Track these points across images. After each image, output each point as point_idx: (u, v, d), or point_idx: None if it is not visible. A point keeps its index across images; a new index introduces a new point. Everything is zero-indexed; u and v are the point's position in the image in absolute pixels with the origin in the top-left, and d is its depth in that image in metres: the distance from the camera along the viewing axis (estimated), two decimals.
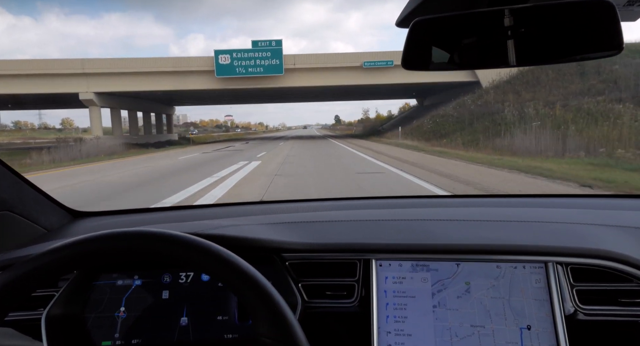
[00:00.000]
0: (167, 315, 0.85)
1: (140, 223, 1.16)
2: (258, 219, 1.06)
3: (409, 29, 0.65)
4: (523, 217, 0.99)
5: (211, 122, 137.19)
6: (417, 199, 1.41)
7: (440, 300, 0.79)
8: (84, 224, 1.18)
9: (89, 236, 0.62)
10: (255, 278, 0.60)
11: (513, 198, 1.35)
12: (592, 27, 0.61)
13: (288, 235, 0.92)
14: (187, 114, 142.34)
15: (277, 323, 0.57)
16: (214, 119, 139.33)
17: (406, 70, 0.71)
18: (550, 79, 18.82)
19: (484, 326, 0.77)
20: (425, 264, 0.82)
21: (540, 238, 0.86)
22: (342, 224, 1.00)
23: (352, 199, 1.34)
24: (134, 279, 0.88)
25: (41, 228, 1.08)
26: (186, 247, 0.61)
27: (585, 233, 0.88)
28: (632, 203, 1.19)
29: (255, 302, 0.58)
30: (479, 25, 0.65)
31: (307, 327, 0.60)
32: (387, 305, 0.81)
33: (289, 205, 1.30)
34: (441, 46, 0.69)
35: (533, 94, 17.93)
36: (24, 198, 1.05)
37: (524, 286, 0.79)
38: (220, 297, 0.86)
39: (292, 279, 0.86)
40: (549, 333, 0.75)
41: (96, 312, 0.84)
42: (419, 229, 0.94)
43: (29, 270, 0.59)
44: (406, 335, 0.78)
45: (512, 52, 0.64)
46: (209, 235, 0.83)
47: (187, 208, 1.41)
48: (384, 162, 10.53)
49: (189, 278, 0.88)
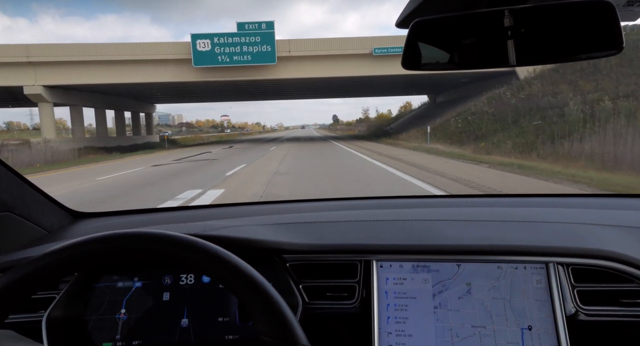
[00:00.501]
0: (167, 317, 0.85)
1: (141, 223, 1.16)
2: (258, 219, 1.06)
3: (408, 29, 0.66)
4: (524, 217, 0.99)
5: (207, 123, 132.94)
6: (417, 199, 1.43)
7: (441, 301, 0.80)
8: (85, 225, 1.18)
9: (89, 237, 0.62)
10: (254, 277, 0.60)
11: (513, 197, 1.34)
12: (592, 27, 0.61)
13: (288, 236, 0.92)
14: (182, 114, 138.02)
15: (276, 321, 0.57)
16: (211, 119, 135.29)
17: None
18: (612, 66, 15.11)
19: (485, 326, 0.77)
20: (426, 265, 0.82)
21: (541, 238, 0.86)
22: (342, 224, 1.00)
23: (353, 200, 1.34)
24: (134, 281, 0.88)
25: (42, 229, 1.08)
26: (186, 248, 0.62)
27: (587, 233, 0.88)
28: (633, 203, 1.18)
29: (254, 301, 0.59)
30: (479, 26, 0.65)
31: (308, 328, 0.60)
32: (387, 306, 0.81)
33: (290, 205, 1.30)
34: (441, 47, 0.70)
35: (595, 84, 14.52)
36: (25, 199, 1.04)
37: (525, 287, 0.79)
38: (221, 298, 0.86)
39: (292, 280, 0.86)
40: (550, 334, 0.75)
41: (97, 314, 0.85)
42: (419, 230, 0.94)
43: (29, 272, 0.59)
44: (407, 335, 0.78)
45: (512, 52, 0.64)
46: (209, 236, 0.83)
47: (188, 208, 1.39)
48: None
49: (190, 280, 0.88)
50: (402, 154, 13.27)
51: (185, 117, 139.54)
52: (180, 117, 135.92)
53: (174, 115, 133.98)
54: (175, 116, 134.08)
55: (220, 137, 47.48)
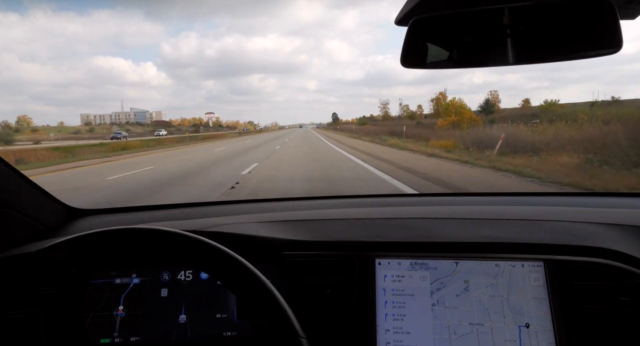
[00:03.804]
0: (165, 313, 0.85)
1: (140, 220, 1.16)
2: (257, 217, 1.06)
3: (407, 27, 0.65)
4: (522, 215, 0.99)
5: (194, 121, 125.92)
6: (415, 197, 1.50)
7: (439, 298, 0.80)
8: (83, 222, 1.18)
9: (86, 234, 0.62)
10: (252, 273, 0.60)
11: (512, 196, 1.34)
12: (591, 25, 0.61)
13: (287, 233, 0.92)
14: (161, 112, 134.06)
15: (274, 316, 0.57)
16: (197, 117, 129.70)
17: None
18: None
19: (482, 324, 0.77)
20: (424, 262, 0.82)
21: (539, 236, 0.86)
22: (341, 222, 1.00)
23: (351, 197, 1.34)
24: (132, 277, 0.88)
25: (41, 225, 1.08)
26: (184, 244, 0.61)
27: (584, 231, 0.89)
28: (630, 201, 1.18)
29: (251, 297, 0.59)
30: (478, 24, 0.65)
31: (306, 325, 0.60)
32: (386, 303, 0.81)
33: (288, 203, 1.30)
34: (440, 44, 0.69)
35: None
36: (24, 196, 1.04)
37: (522, 285, 0.79)
38: (219, 295, 0.86)
39: (291, 277, 0.86)
40: (547, 331, 0.75)
41: (95, 310, 0.85)
42: (417, 227, 0.94)
43: (27, 268, 0.59)
44: (405, 332, 0.78)
45: (511, 50, 0.63)
46: (207, 233, 0.84)
47: (186, 205, 1.38)
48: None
49: (188, 276, 0.88)
50: None
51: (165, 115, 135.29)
52: (159, 114, 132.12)
53: (152, 112, 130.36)
54: (154, 113, 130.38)
55: (177, 140, 32.81)
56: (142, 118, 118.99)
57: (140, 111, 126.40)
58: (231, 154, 15.83)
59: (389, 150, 15.20)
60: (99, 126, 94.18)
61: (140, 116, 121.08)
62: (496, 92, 64.58)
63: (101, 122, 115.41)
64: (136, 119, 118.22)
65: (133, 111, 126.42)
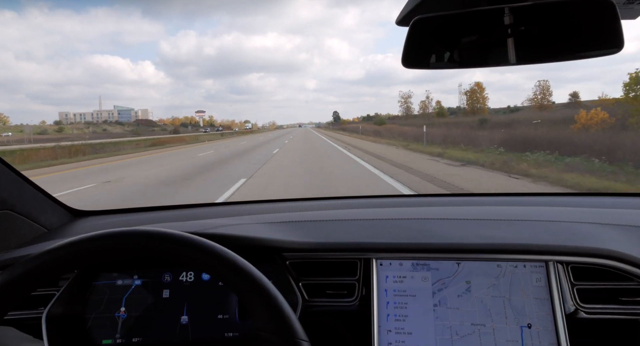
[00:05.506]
0: (167, 314, 0.85)
1: (141, 222, 1.15)
2: (258, 218, 1.06)
3: (409, 27, 0.65)
4: (523, 216, 0.99)
5: (185, 120, 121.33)
6: (417, 198, 1.48)
7: (441, 299, 0.79)
8: (84, 223, 1.17)
9: (88, 235, 0.62)
10: (253, 274, 0.60)
11: (513, 196, 1.33)
12: (592, 25, 0.61)
13: (288, 234, 0.92)
14: (147, 110, 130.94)
15: (275, 317, 0.57)
16: (189, 116, 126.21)
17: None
18: None
19: (484, 324, 0.77)
20: (425, 263, 0.82)
21: (541, 236, 0.86)
22: (342, 223, 1.00)
23: (353, 198, 1.33)
24: (133, 278, 0.88)
25: (41, 227, 1.08)
26: (185, 246, 0.61)
27: (586, 231, 0.88)
28: (632, 202, 1.18)
29: (253, 298, 0.58)
30: (479, 24, 0.65)
31: (308, 326, 0.60)
32: (387, 303, 0.81)
33: (289, 204, 1.30)
34: (441, 45, 0.69)
35: None
36: (25, 197, 1.04)
37: (524, 285, 0.79)
38: (220, 296, 0.86)
39: (292, 278, 0.86)
40: (549, 332, 0.75)
41: (97, 312, 0.84)
42: (419, 228, 0.94)
43: (28, 269, 0.59)
44: (407, 333, 0.78)
45: (512, 50, 0.63)
46: (208, 234, 0.83)
47: (188, 206, 1.38)
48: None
49: (189, 277, 0.88)
50: None
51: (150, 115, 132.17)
52: (145, 112, 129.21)
53: (137, 110, 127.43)
54: (140, 112, 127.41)
55: (127, 144, 24.34)
56: (127, 117, 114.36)
57: (125, 109, 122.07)
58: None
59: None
60: (70, 126, 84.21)
61: (124, 115, 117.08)
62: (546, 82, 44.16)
63: (81, 120, 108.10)
64: (120, 118, 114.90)
65: (117, 109, 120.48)
